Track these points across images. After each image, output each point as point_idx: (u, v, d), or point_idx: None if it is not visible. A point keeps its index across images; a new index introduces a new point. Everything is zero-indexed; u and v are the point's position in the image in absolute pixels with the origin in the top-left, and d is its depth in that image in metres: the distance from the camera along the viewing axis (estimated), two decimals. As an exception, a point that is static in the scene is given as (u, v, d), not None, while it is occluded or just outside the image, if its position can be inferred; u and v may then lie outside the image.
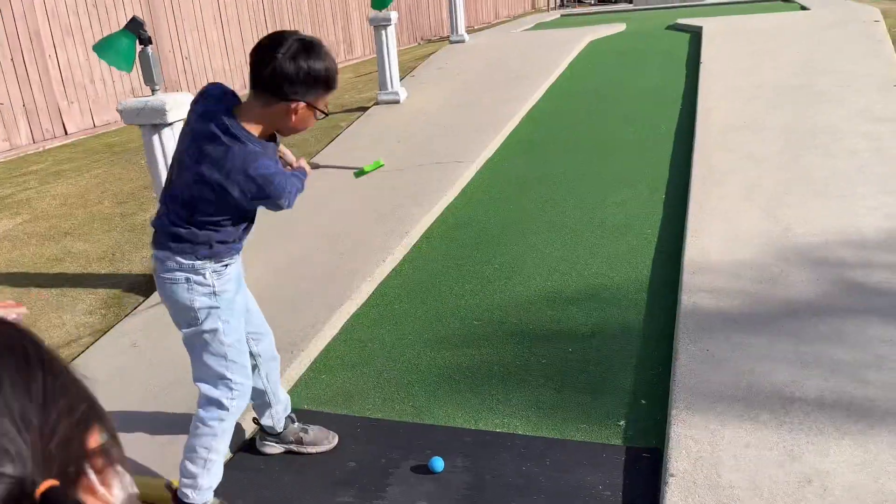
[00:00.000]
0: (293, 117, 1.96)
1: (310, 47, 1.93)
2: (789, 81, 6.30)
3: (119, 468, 0.47)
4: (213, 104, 1.97)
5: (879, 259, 3.19)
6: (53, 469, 0.42)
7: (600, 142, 5.58)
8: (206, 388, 2.15)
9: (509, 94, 6.90)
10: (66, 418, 0.43)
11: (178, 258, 2.01)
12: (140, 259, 4.17)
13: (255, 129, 1.96)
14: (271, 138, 2.05)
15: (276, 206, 2.03)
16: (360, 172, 2.90)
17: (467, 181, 4.99)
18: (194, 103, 2.04)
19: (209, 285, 2.05)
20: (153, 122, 3.36)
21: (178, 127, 3.46)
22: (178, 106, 3.34)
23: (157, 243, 2.06)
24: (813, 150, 4.61)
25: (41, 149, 7.61)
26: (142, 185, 5.42)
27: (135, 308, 3.60)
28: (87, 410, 0.46)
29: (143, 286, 3.80)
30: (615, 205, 4.38)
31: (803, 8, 10.99)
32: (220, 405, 2.14)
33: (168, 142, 3.43)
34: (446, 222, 4.40)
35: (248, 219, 2.09)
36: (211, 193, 1.93)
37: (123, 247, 4.36)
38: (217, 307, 2.07)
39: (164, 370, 2.96)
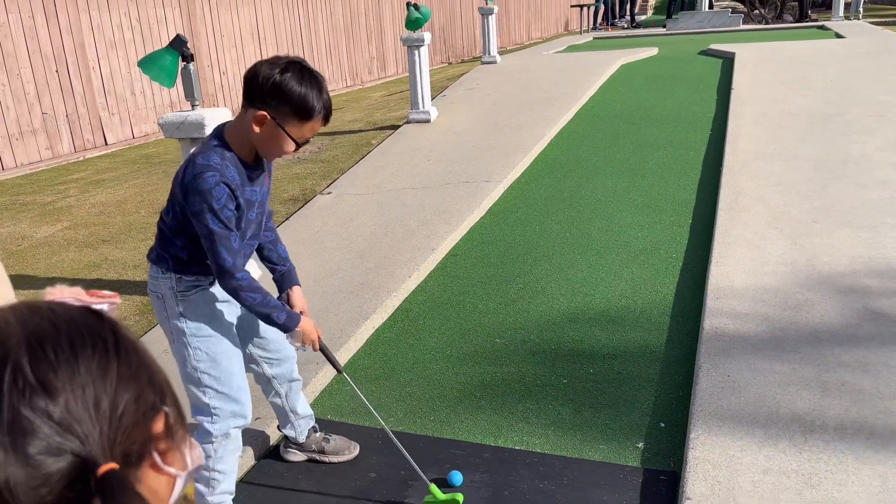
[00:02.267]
0: (257, 128, 1.87)
1: (299, 70, 1.85)
2: (822, 110, 6.27)
3: (185, 446, 0.53)
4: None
5: (907, 290, 3.17)
6: (117, 453, 0.47)
7: (628, 165, 5.61)
8: (192, 411, 2.12)
9: (539, 116, 6.97)
10: (135, 405, 0.49)
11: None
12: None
13: (235, 141, 1.93)
14: (259, 166, 2.00)
15: (203, 227, 1.87)
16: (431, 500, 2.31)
17: (494, 200, 5.05)
18: None
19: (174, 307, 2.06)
20: (192, 136, 3.48)
21: (216, 141, 3.58)
22: (216, 120, 3.46)
23: None
24: (843, 180, 4.59)
25: (82, 158, 7.85)
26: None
27: (167, 315, 3.70)
28: (155, 398, 0.51)
29: (175, 294, 3.91)
30: (641, 228, 4.40)
31: (839, 36, 10.95)
32: (203, 429, 2.12)
33: (205, 155, 3.54)
34: (472, 240, 4.46)
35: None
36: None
37: (158, 255, 4.49)
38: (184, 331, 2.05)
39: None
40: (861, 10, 20.95)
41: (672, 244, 4.12)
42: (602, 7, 17.91)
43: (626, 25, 17.30)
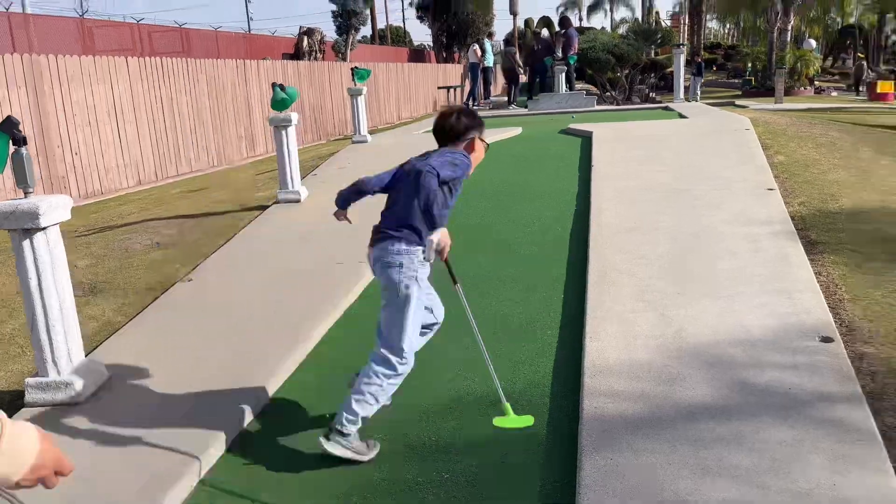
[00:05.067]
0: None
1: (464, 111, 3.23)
2: (673, 185, 6.68)
3: None
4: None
5: (768, 358, 3.29)
6: None
7: (499, 243, 5.67)
8: (387, 351, 2.87)
9: (411, 194, 6.96)
10: None
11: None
12: (5, 374, 3.77)
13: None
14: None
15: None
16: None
17: (369, 282, 4.90)
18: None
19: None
20: (24, 226, 3.12)
21: (53, 230, 3.24)
22: (52, 209, 3.12)
23: None
24: (698, 252, 4.84)
25: None
26: (12, 290, 5.00)
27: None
28: None
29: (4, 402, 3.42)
30: (516, 305, 4.39)
31: (682, 116, 11.92)
32: (392, 366, 2.87)
33: (41, 247, 3.18)
34: (346, 326, 4.26)
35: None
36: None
37: (-15, 360, 3.95)
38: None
39: None
40: (699, 92, 23.19)
41: (547, 321, 4.12)
42: (469, 85, 18.66)
43: (490, 105, 18.10)
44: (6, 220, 3.10)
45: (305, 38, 24.84)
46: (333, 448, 2.80)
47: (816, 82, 31.77)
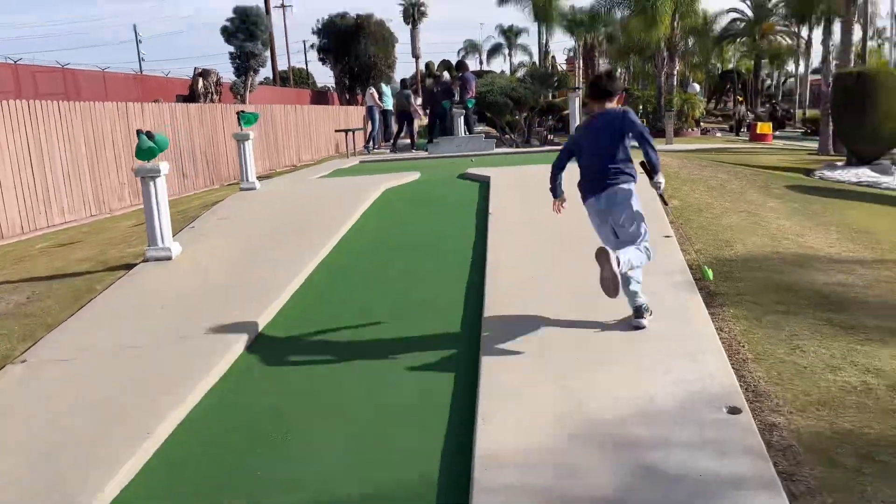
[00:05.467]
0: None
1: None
2: (573, 233, 6.47)
3: None
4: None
5: (675, 436, 2.98)
6: None
7: (391, 302, 5.23)
8: (637, 244, 4.09)
9: (298, 248, 6.46)
10: None
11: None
12: None
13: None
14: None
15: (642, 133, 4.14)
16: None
17: (238, 355, 4.34)
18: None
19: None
20: None
21: None
22: None
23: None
24: (600, 307, 4.56)
25: None
26: None
27: None
28: None
29: None
30: (403, 381, 3.94)
31: (579, 159, 11.97)
32: (645, 251, 4.07)
33: None
34: (208, 413, 3.68)
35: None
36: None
37: None
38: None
39: None
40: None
41: (437, 399, 3.68)
42: (369, 128, 18.32)
43: (390, 150, 17.82)
44: None
45: (201, 79, 23.96)
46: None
47: (702, 124, 33.51)
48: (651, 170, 4.17)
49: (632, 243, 4.03)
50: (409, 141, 17.79)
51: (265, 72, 35.43)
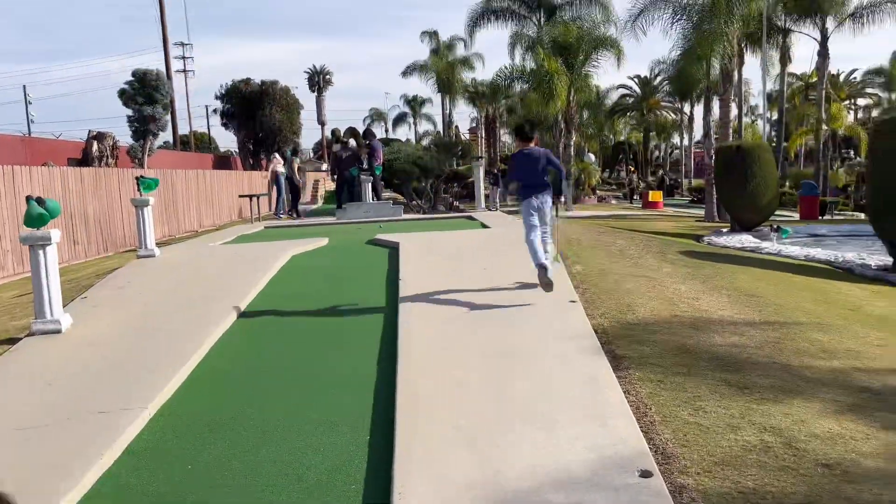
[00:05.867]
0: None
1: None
2: (481, 299, 6.56)
3: None
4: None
5: (591, 503, 3.00)
6: None
7: (300, 374, 5.08)
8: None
9: (199, 318, 6.20)
10: None
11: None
12: None
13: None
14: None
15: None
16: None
17: (135, 435, 4.06)
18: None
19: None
20: None
21: None
22: None
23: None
24: (512, 375, 4.60)
25: None
26: None
27: None
28: None
29: None
30: (316, 452, 3.80)
31: (485, 226, 12.25)
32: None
33: None
34: (100, 499, 3.40)
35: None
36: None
37: None
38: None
39: None
40: (498, 201, 24.53)
41: (350, 471, 3.57)
42: (275, 194, 18.12)
43: (297, 216, 17.66)
44: None
45: (95, 142, 23.11)
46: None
47: (598, 192, 35.23)
48: (559, 190, 6.93)
49: (548, 231, 6.87)
50: (289, 209, 17.71)
51: (165, 136, 34.66)
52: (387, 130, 65.02)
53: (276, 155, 18.82)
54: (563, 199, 6.96)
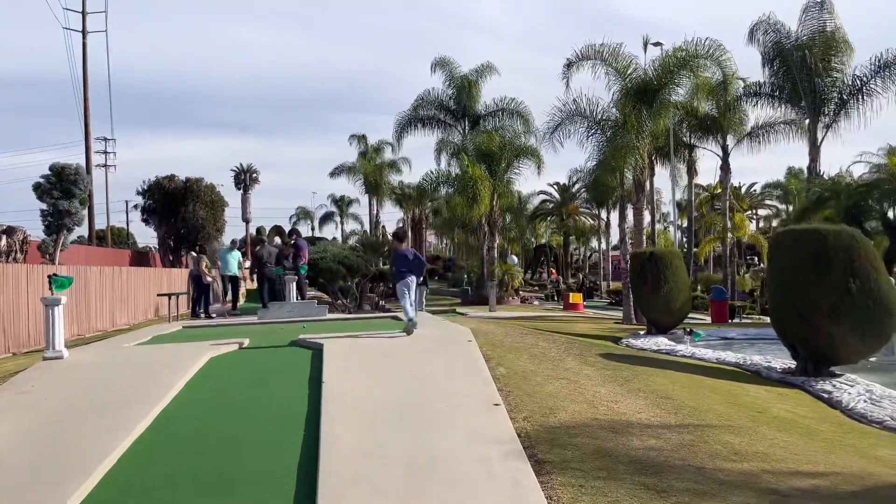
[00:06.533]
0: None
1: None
2: (406, 401, 6.53)
3: None
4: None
5: None
6: None
7: (216, 480, 4.87)
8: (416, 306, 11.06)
9: (108, 425, 5.90)
10: None
11: None
12: None
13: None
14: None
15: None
16: None
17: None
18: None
19: None
20: None
21: None
22: None
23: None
24: (435, 480, 4.56)
25: None
26: None
27: None
28: None
29: None
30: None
31: (410, 327, 12.27)
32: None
33: None
34: None
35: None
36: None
37: None
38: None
39: None
40: (425, 300, 24.66)
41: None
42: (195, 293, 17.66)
43: (216, 315, 17.24)
44: None
45: (4, 236, 22.17)
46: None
47: (521, 293, 35.98)
48: (420, 273, 10.86)
49: (415, 298, 10.59)
50: (193, 308, 17.39)
51: (81, 230, 33.59)
52: (313, 229, 65.18)
53: (193, 253, 18.51)
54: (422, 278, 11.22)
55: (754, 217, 59.66)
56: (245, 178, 43.43)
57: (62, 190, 25.84)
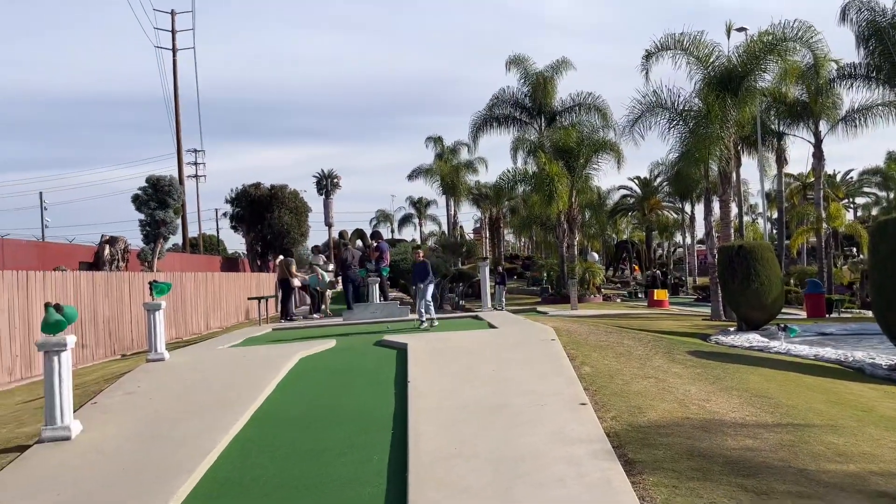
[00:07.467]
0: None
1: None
2: (490, 401, 6.54)
3: None
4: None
5: None
6: None
7: (309, 481, 5.02)
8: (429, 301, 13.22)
9: (208, 424, 6.18)
10: None
11: None
12: None
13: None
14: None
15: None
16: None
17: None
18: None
19: None
20: None
21: None
22: None
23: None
24: (522, 479, 4.55)
25: None
26: None
27: None
28: None
29: None
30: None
31: (492, 326, 12.29)
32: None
33: None
34: None
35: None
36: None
37: None
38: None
39: None
40: (504, 300, 24.61)
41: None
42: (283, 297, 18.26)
43: (316, 316, 17.76)
44: None
45: (107, 246, 23.55)
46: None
47: (603, 290, 35.32)
48: (430, 279, 13.27)
49: (427, 301, 12.95)
50: (280, 312, 17.80)
51: (175, 238, 35.26)
52: (392, 231, 66.10)
53: (282, 257, 19.10)
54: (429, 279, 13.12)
55: (851, 206, 56.52)
56: (326, 184, 44.51)
57: (158, 200, 27.25)
